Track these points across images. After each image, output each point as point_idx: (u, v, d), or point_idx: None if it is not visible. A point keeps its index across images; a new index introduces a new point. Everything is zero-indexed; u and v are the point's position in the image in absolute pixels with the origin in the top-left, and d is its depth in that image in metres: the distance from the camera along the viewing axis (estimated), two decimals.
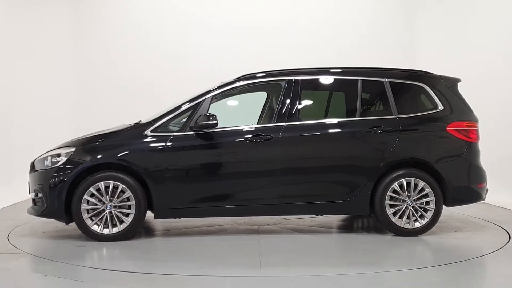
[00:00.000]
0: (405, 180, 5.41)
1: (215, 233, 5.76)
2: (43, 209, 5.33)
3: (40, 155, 5.59)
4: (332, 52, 9.88)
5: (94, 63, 10.32)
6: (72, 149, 5.36)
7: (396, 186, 5.41)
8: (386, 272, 4.30)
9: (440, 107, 5.63)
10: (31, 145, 8.40)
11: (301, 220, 6.43)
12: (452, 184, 5.49)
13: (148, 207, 5.37)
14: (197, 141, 5.39)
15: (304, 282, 3.97)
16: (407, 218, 5.41)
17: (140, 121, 5.66)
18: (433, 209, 5.42)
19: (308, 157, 5.46)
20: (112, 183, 5.23)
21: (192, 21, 10.22)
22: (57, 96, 10.00)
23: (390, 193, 5.41)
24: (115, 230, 5.26)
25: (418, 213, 5.43)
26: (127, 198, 5.26)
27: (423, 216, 5.43)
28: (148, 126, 5.44)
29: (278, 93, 5.68)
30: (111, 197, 5.24)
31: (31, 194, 5.52)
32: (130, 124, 5.68)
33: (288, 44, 10.08)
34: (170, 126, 5.50)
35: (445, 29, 9.70)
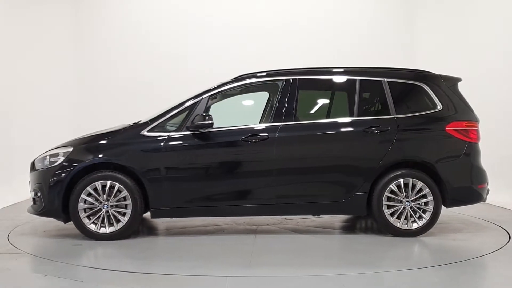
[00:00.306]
0: (403, 180, 5.37)
1: (212, 233, 5.76)
2: (42, 208, 5.39)
3: (40, 154, 5.63)
4: (332, 52, 9.89)
5: (94, 63, 10.33)
6: (70, 149, 5.41)
7: (393, 186, 5.38)
8: (386, 272, 4.29)
9: (439, 107, 5.57)
10: (31, 145, 8.40)
11: (301, 220, 6.43)
12: (451, 184, 5.44)
13: (145, 206, 5.39)
14: (193, 141, 5.40)
15: (304, 282, 3.96)
16: (405, 219, 5.38)
17: (140, 121, 5.67)
18: (431, 210, 5.37)
19: (304, 157, 5.44)
20: (109, 182, 5.27)
21: (192, 21, 10.23)
22: (57, 96, 10.01)
23: (387, 193, 5.37)
24: (111, 229, 5.29)
25: (416, 214, 5.40)
26: (123, 198, 5.29)
27: (421, 217, 5.40)
28: (145, 126, 5.48)
29: (276, 93, 5.67)
30: (108, 196, 5.27)
31: (31, 193, 5.57)
32: (129, 124, 5.69)
33: (288, 44, 10.09)
34: (167, 126, 5.52)
35: (445, 29, 9.70)
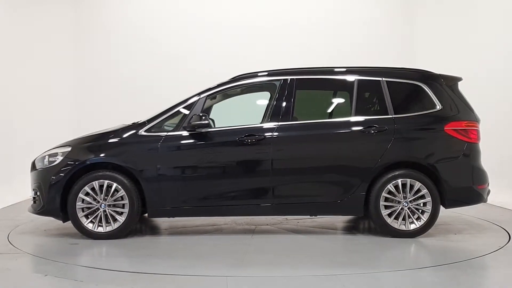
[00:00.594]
0: (400, 181, 5.33)
1: (210, 233, 5.77)
2: (41, 207, 5.44)
3: (40, 154, 5.68)
4: (332, 52, 9.88)
5: (94, 63, 10.33)
6: (68, 149, 5.46)
7: (391, 187, 5.34)
8: (385, 272, 4.29)
9: (438, 106, 5.51)
10: (31, 145, 8.41)
11: (302, 220, 6.42)
12: (450, 185, 5.38)
13: (143, 206, 5.40)
14: (190, 141, 5.42)
15: (304, 282, 3.96)
16: (402, 220, 5.34)
17: (139, 121, 5.68)
18: (429, 211, 5.33)
19: (301, 157, 5.43)
20: (106, 182, 5.30)
21: (192, 21, 10.23)
22: (57, 96, 10.01)
23: (385, 194, 5.33)
24: (109, 228, 5.32)
25: (414, 215, 5.35)
26: (121, 197, 5.32)
27: (419, 218, 5.35)
28: (142, 126, 5.51)
29: (273, 93, 5.66)
30: (105, 196, 5.30)
31: (31, 192, 5.62)
32: (127, 124, 5.73)
33: (288, 44, 10.09)
34: (164, 126, 5.55)
35: (445, 29, 9.70)
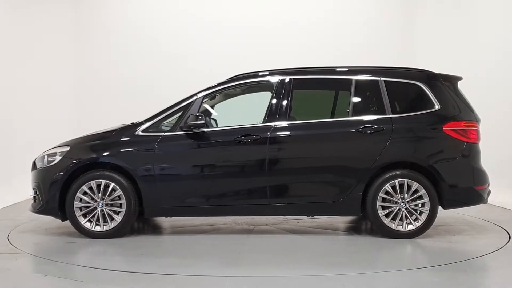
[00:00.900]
0: (397, 181, 5.29)
1: (208, 232, 5.78)
2: (40, 206, 5.50)
3: (41, 153, 5.72)
4: (332, 52, 9.86)
5: (94, 63, 10.33)
6: (67, 148, 5.51)
7: (388, 187, 5.29)
8: (385, 272, 4.29)
9: (437, 106, 5.45)
10: (31, 145, 8.41)
11: (302, 221, 6.41)
12: (448, 185, 5.32)
13: (140, 205, 5.43)
14: (186, 141, 5.44)
15: (304, 282, 3.96)
16: (400, 220, 5.30)
17: (138, 121, 5.70)
18: (427, 211, 5.27)
19: (297, 157, 5.41)
20: (103, 182, 5.34)
21: (192, 21, 10.22)
22: (57, 96, 10.00)
23: (382, 194, 5.29)
24: (106, 227, 5.36)
25: (412, 215, 5.31)
26: (118, 197, 5.35)
27: (417, 219, 5.30)
28: (139, 126, 5.54)
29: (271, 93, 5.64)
30: (103, 195, 5.34)
31: (31, 192, 5.67)
32: (126, 124, 5.77)
33: (288, 44, 10.08)
34: (162, 126, 5.57)
35: (445, 29, 9.69)
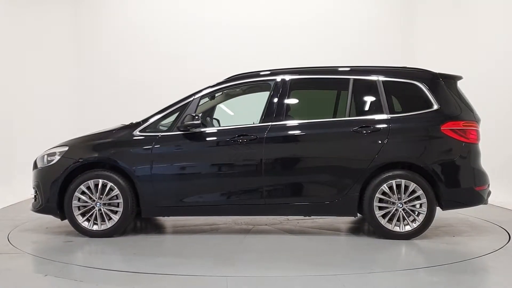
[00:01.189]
0: (394, 181, 5.24)
1: (206, 232, 5.79)
2: (39, 205, 5.56)
3: (41, 153, 5.77)
4: (332, 52, 9.87)
5: (94, 63, 10.33)
6: (66, 148, 5.56)
7: (385, 187, 5.25)
8: (385, 272, 4.29)
9: (435, 106, 5.39)
10: (31, 146, 8.41)
11: (302, 221, 6.40)
12: (446, 186, 5.26)
13: (138, 205, 5.45)
14: (183, 141, 5.46)
15: (304, 282, 3.96)
16: (397, 221, 5.25)
17: (136, 122, 5.73)
18: (425, 212, 5.23)
19: (293, 157, 5.40)
20: (101, 181, 5.38)
21: (192, 21, 10.23)
22: (57, 96, 10.01)
23: (379, 195, 5.25)
24: (103, 227, 5.40)
25: (410, 216, 5.27)
26: (115, 196, 5.38)
27: (415, 220, 5.26)
28: (137, 126, 5.57)
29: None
30: (100, 195, 5.37)
31: (32, 191, 5.74)
32: (124, 124, 5.80)
33: (288, 44, 10.09)
34: (160, 126, 5.60)
35: (446, 29, 9.69)
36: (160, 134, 5.50)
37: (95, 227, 5.40)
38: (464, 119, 5.39)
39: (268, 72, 5.75)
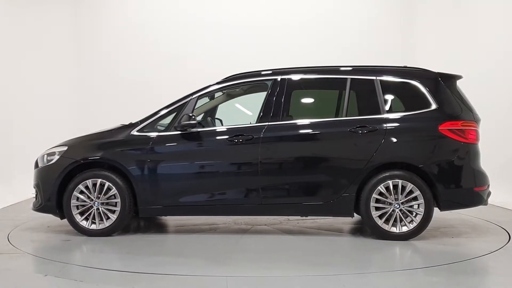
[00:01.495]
0: (391, 182, 5.21)
1: (204, 232, 5.80)
2: (39, 205, 5.62)
3: (42, 152, 5.82)
4: (332, 52, 9.86)
5: (94, 63, 10.34)
6: (65, 148, 5.60)
7: (382, 188, 5.22)
8: (385, 272, 4.29)
9: (433, 106, 5.34)
10: (31, 146, 8.41)
11: (302, 221, 6.39)
12: (444, 187, 5.21)
13: (135, 205, 5.47)
14: (180, 140, 5.48)
15: (304, 282, 3.96)
16: (394, 222, 5.22)
17: (134, 122, 5.75)
18: (422, 213, 5.18)
19: (290, 157, 5.39)
20: (99, 181, 5.42)
21: (192, 21, 10.23)
22: (57, 96, 10.01)
23: (375, 195, 5.22)
24: (101, 226, 5.44)
25: (407, 217, 5.23)
26: (113, 196, 5.41)
27: (412, 220, 5.20)
28: (135, 126, 5.60)
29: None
30: (98, 194, 5.41)
31: (33, 190, 5.79)
32: (123, 124, 5.83)
33: (288, 44, 10.09)
34: (158, 126, 5.61)
35: (446, 28, 9.69)
36: (157, 134, 5.52)
37: (93, 226, 5.45)
38: (463, 119, 5.34)
39: (265, 72, 5.75)
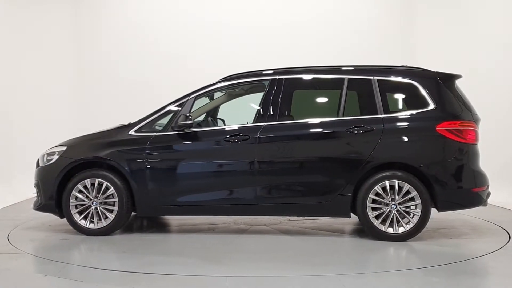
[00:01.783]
0: (388, 182, 5.18)
1: (203, 231, 5.80)
2: (39, 204, 5.68)
3: (43, 151, 5.86)
4: (332, 51, 9.85)
5: (94, 63, 10.33)
6: (64, 148, 5.65)
7: (378, 188, 5.19)
8: (385, 272, 4.30)
9: (431, 105, 5.29)
10: (31, 146, 8.42)
11: (301, 221, 6.38)
12: (442, 187, 5.16)
13: (133, 204, 5.50)
14: (177, 140, 5.50)
15: (304, 282, 3.96)
16: (391, 222, 5.18)
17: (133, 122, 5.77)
18: (419, 214, 5.14)
19: (286, 158, 5.38)
20: (97, 180, 5.46)
21: (192, 21, 10.23)
22: (57, 96, 10.01)
23: (372, 195, 5.19)
24: (100, 225, 5.47)
25: (404, 218, 5.20)
26: (111, 195, 5.45)
27: (409, 221, 5.18)
28: (133, 126, 5.63)
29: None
30: (97, 194, 5.46)
31: (34, 189, 5.85)
32: (122, 124, 5.86)
33: (288, 44, 10.08)
34: (155, 126, 5.63)
35: (445, 28, 9.68)
36: (154, 134, 5.54)
37: (92, 225, 5.49)
38: (462, 119, 5.28)
39: (262, 72, 5.74)
